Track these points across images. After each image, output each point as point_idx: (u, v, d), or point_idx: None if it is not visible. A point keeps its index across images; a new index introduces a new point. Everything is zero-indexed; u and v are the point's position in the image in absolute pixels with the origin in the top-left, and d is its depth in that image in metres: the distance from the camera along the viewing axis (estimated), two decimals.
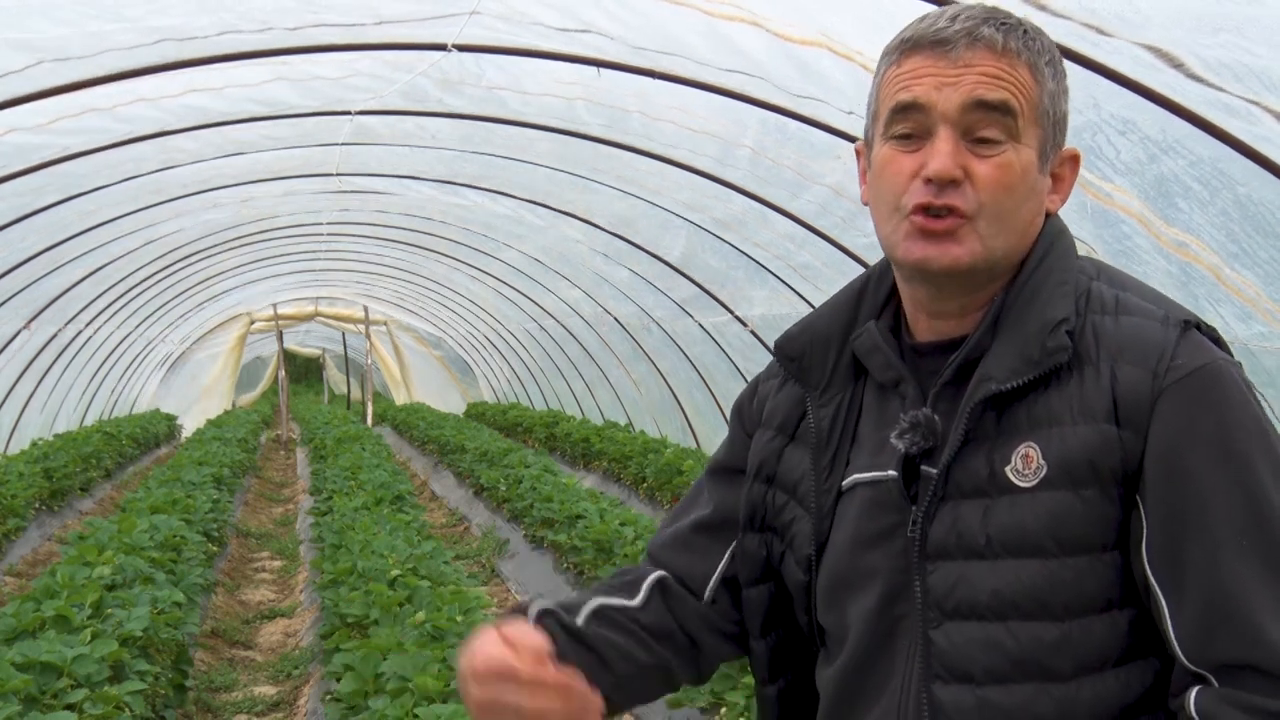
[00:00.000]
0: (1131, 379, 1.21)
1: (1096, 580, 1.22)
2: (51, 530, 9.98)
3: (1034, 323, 1.25)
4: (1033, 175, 1.27)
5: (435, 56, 5.99)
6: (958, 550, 1.25)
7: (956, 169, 1.24)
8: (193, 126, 7.22)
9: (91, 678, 4.18)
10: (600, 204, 9.66)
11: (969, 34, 1.24)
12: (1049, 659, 1.22)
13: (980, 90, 1.23)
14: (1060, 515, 1.21)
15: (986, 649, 1.24)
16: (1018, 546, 1.23)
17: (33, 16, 4.94)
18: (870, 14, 4.62)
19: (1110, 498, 1.21)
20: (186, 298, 16.82)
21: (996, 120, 1.24)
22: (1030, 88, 1.25)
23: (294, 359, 34.18)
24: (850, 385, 1.40)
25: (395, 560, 6.01)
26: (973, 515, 1.25)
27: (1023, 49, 1.25)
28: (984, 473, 1.25)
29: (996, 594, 1.23)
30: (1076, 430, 1.22)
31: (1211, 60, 3.70)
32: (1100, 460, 1.21)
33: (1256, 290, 4.59)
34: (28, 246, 9.53)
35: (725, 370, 10.83)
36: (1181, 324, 1.24)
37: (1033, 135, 1.26)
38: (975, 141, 1.25)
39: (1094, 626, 1.22)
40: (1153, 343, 1.22)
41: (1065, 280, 1.28)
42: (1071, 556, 1.22)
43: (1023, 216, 1.28)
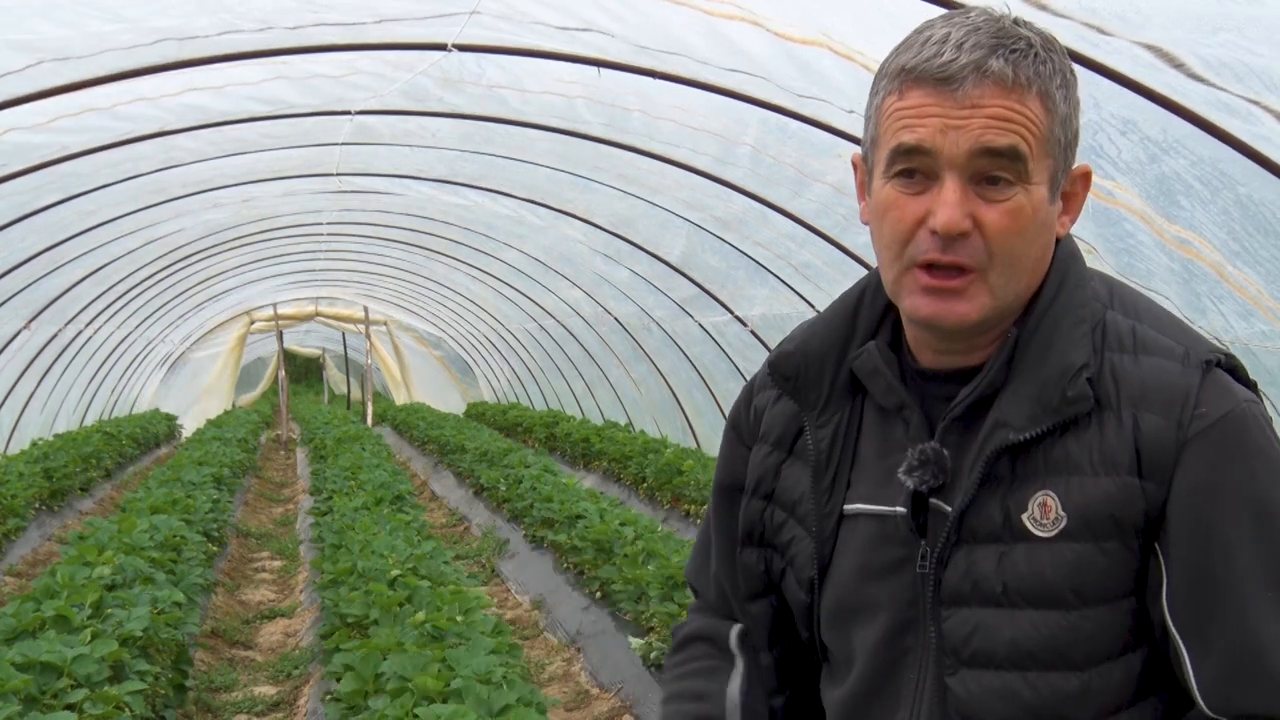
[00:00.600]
0: (1154, 428, 1.17)
1: (1116, 629, 1.20)
2: (51, 530, 9.97)
3: (1052, 367, 1.21)
4: (1044, 212, 1.21)
5: (436, 56, 5.99)
6: (973, 597, 1.23)
7: (964, 221, 1.18)
8: (193, 126, 7.21)
9: (91, 678, 4.18)
10: (600, 204, 9.66)
11: (977, 68, 1.16)
12: (1068, 709, 1.21)
13: (988, 136, 1.16)
14: (1081, 567, 1.19)
15: (1004, 699, 1.22)
16: (1036, 597, 1.20)
17: (33, 17, 4.93)
18: (870, 14, 4.62)
19: (1131, 548, 1.19)
20: (187, 298, 16.82)
21: (1006, 165, 1.18)
22: (1040, 121, 1.18)
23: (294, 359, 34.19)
24: (848, 403, 1.36)
25: (395, 560, 6.01)
26: (988, 562, 1.22)
27: (1034, 78, 1.17)
28: (999, 519, 1.22)
29: (1014, 644, 1.21)
30: (1098, 482, 1.19)
31: (1212, 60, 3.70)
32: (1122, 513, 1.18)
33: (1258, 288, 4.59)
34: (28, 246, 9.53)
35: (725, 370, 10.82)
36: (1203, 365, 1.20)
37: (1043, 169, 1.20)
38: (984, 183, 1.19)
39: (1112, 673, 1.21)
40: (1175, 389, 1.18)
41: (1082, 319, 1.23)
42: (1092, 608, 1.20)
43: (1033, 256, 1.23)
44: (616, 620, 6.36)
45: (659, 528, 7.53)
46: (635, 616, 6.09)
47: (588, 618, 6.69)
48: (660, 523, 8.45)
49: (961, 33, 1.18)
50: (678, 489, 9.55)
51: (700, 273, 9.92)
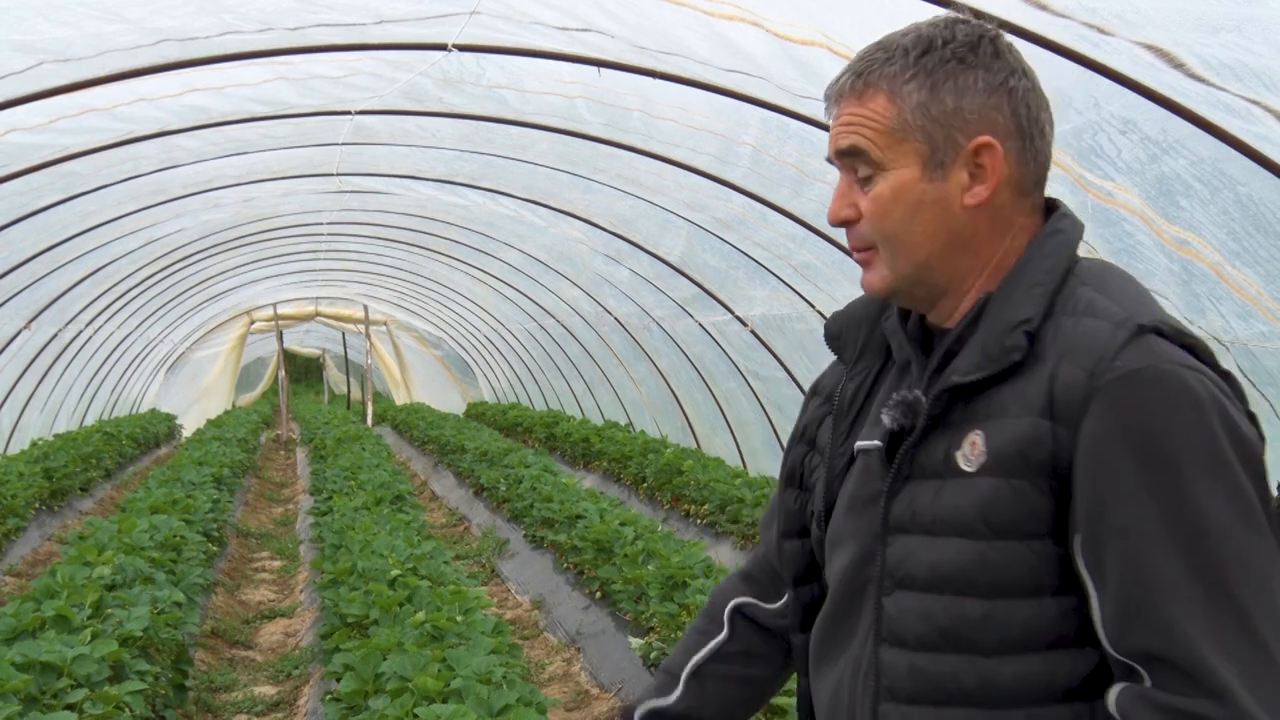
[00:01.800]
0: (1069, 377, 1.26)
1: (1024, 565, 1.28)
2: (51, 530, 9.97)
3: (1001, 321, 1.33)
4: (912, 191, 1.37)
5: (436, 56, 5.99)
6: (912, 526, 1.35)
7: (844, 211, 1.41)
8: (193, 126, 7.21)
9: (91, 678, 4.18)
10: (601, 203, 9.66)
11: (838, 87, 1.43)
12: (973, 633, 1.30)
13: (838, 141, 1.41)
14: (991, 500, 1.28)
15: (921, 619, 1.33)
16: (956, 526, 1.31)
17: (34, 18, 4.93)
18: (870, 14, 4.61)
19: (1040, 490, 1.27)
20: (187, 298, 16.82)
21: (858, 161, 1.39)
22: (883, 115, 1.37)
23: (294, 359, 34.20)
24: (880, 361, 1.52)
25: (395, 560, 6.01)
26: (926, 495, 1.34)
27: (877, 79, 1.38)
28: (940, 457, 1.34)
29: (934, 568, 1.32)
30: (1016, 423, 1.28)
31: (1212, 60, 3.70)
32: (1029, 452, 1.27)
33: (1258, 289, 4.59)
34: (28, 246, 9.53)
35: (725, 370, 10.82)
36: (1136, 327, 1.25)
37: (902, 154, 1.36)
38: (861, 180, 1.40)
39: (1020, 609, 1.28)
40: (1099, 343, 1.26)
41: (1039, 282, 1.34)
42: (1000, 540, 1.28)
43: (918, 231, 1.37)
44: (616, 620, 6.36)
45: (659, 528, 7.53)
46: (635, 616, 6.09)
47: (588, 618, 6.69)
48: (660, 523, 8.45)
49: (850, 62, 1.44)
50: (678, 489, 9.55)
51: (700, 272, 9.93)
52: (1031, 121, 1.37)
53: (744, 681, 1.70)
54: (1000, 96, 1.36)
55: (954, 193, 1.36)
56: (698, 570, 6.01)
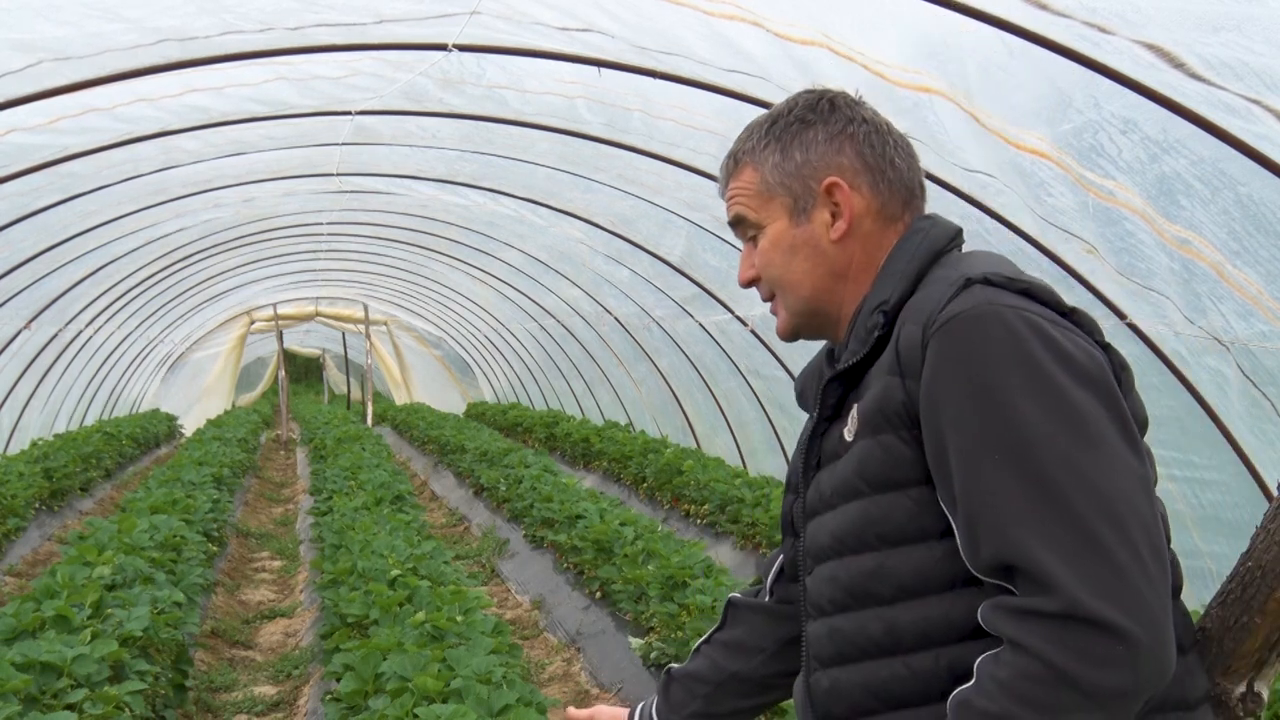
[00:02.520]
0: (909, 334, 1.38)
1: (904, 513, 1.38)
2: (51, 530, 9.97)
3: (864, 310, 1.49)
4: (785, 238, 1.56)
5: (436, 56, 5.99)
6: (820, 506, 1.51)
7: (746, 273, 1.62)
8: (193, 126, 7.21)
9: (91, 678, 4.18)
10: (601, 203, 9.66)
11: (723, 172, 1.63)
12: (871, 585, 1.40)
13: (728, 214, 1.61)
14: (864, 459, 1.42)
15: (829, 583, 1.46)
16: (845, 492, 1.45)
17: (34, 17, 4.93)
18: (870, 14, 4.61)
19: (904, 440, 1.38)
20: (187, 298, 16.81)
21: (745, 227, 1.60)
22: (751, 182, 1.58)
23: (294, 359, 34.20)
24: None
25: (395, 560, 6.01)
26: (828, 476, 1.50)
27: (743, 155, 1.59)
28: (836, 438, 1.50)
29: (833, 534, 1.46)
30: (875, 387, 1.42)
31: (1212, 59, 3.70)
32: (885, 407, 1.39)
33: (1258, 288, 4.59)
34: (28, 246, 9.53)
35: (726, 370, 10.82)
36: (964, 280, 1.37)
37: (772, 210, 1.56)
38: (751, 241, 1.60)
39: (909, 555, 1.38)
40: (932, 300, 1.38)
41: (897, 270, 1.49)
42: (880, 494, 1.40)
43: (797, 270, 1.56)
44: (616, 620, 6.36)
45: (659, 528, 7.53)
46: (635, 616, 6.09)
47: (588, 618, 6.69)
48: (660, 523, 8.45)
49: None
50: (678, 489, 9.55)
51: (701, 272, 9.92)
52: (878, 157, 1.54)
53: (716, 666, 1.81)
54: (841, 142, 1.54)
55: (820, 232, 1.55)
56: (698, 570, 6.01)
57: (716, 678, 1.80)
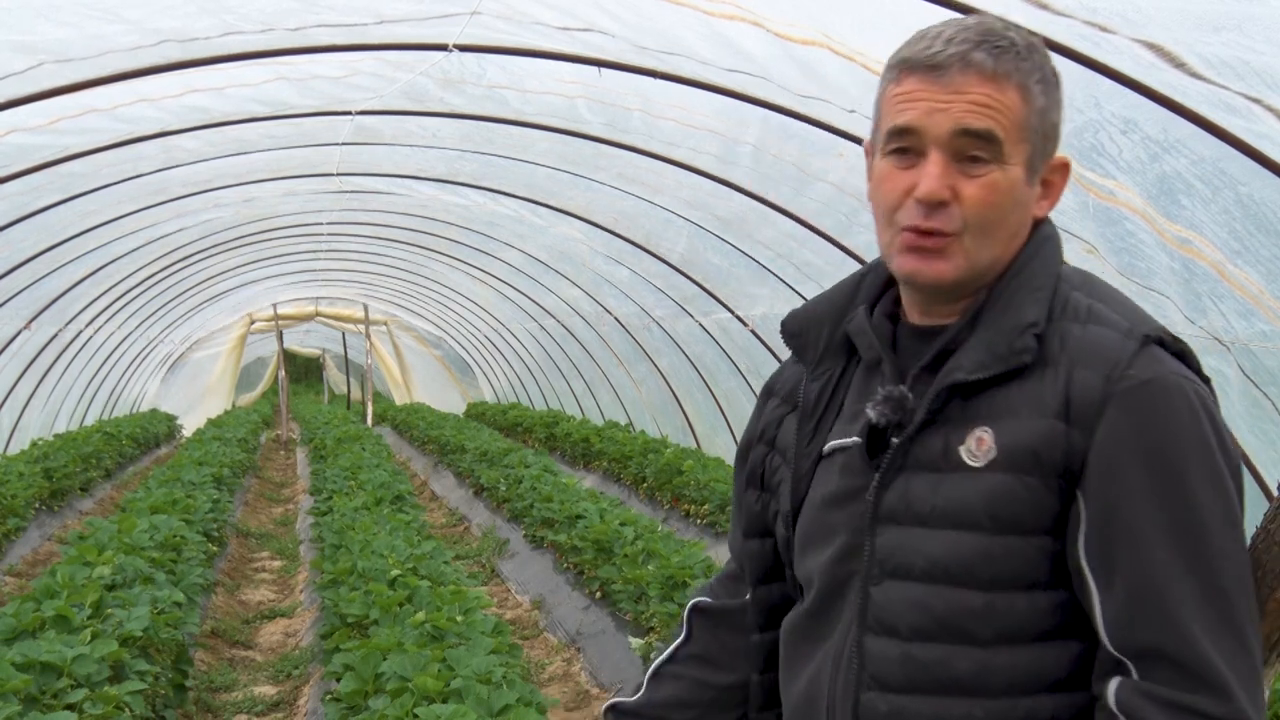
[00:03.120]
0: (1085, 381, 1.30)
1: (1024, 560, 1.31)
2: (51, 530, 9.97)
3: (1007, 323, 1.36)
4: (1019, 190, 1.37)
5: (436, 56, 5.99)
6: (905, 516, 1.37)
7: (944, 191, 1.34)
8: (194, 126, 7.21)
9: (91, 678, 4.18)
10: (601, 203, 9.66)
11: (962, 59, 1.33)
12: (970, 624, 1.33)
13: (968, 119, 1.33)
14: (1000, 496, 1.31)
15: (916, 609, 1.35)
16: (958, 519, 1.33)
17: (35, 18, 4.93)
18: (870, 14, 4.62)
19: (1050, 488, 1.30)
20: (187, 298, 16.82)
21: (983, 145, 1.34)
22: (1017, 109, 1.35)
23: (294, 359, 34.19)
24: (842, 362, 1.53)
25: (395, 560, 6.01)
26: (923, 487, 1.36)
27: (1013, 71, 1.34)
28: (939, 450, 1.36)
29: (932, 559, 1.34)
30: (1029, 423, 1.32)
31: (1213, 58, 3.70)
32: (1044, 451, 1.30)
33: (1259, 288, 4.58)
34: (28, 246, 9.53)
35: (726, 370, 10.82)
36: (1142, 337, 1.31)
37: (1020, 152, 1.36)
38: (965, 160, 1.35)
39: (1016, 601, 1.32)
40: (1111, 350, 1.31)
41: (1042, 286, 1.38)
42: (1004, 535, 1.31)
43: (1007, 228, 1.38)
44: (616, 620, 6.36)
45: (659, 528, 7.53)
46: (635, 616, 6.09)
47: (588, 618, 6.69)
48: (660, 523, 8.44)
49: (953, 31, 1.36)
50: (678, 489, 9.55)
51: (701, 272, 9.92)
52: None
53: (701, 685, 1.68)
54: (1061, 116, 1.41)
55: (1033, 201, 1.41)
56: (698, 570, 6.01)
57: (702, 697, 1.68)
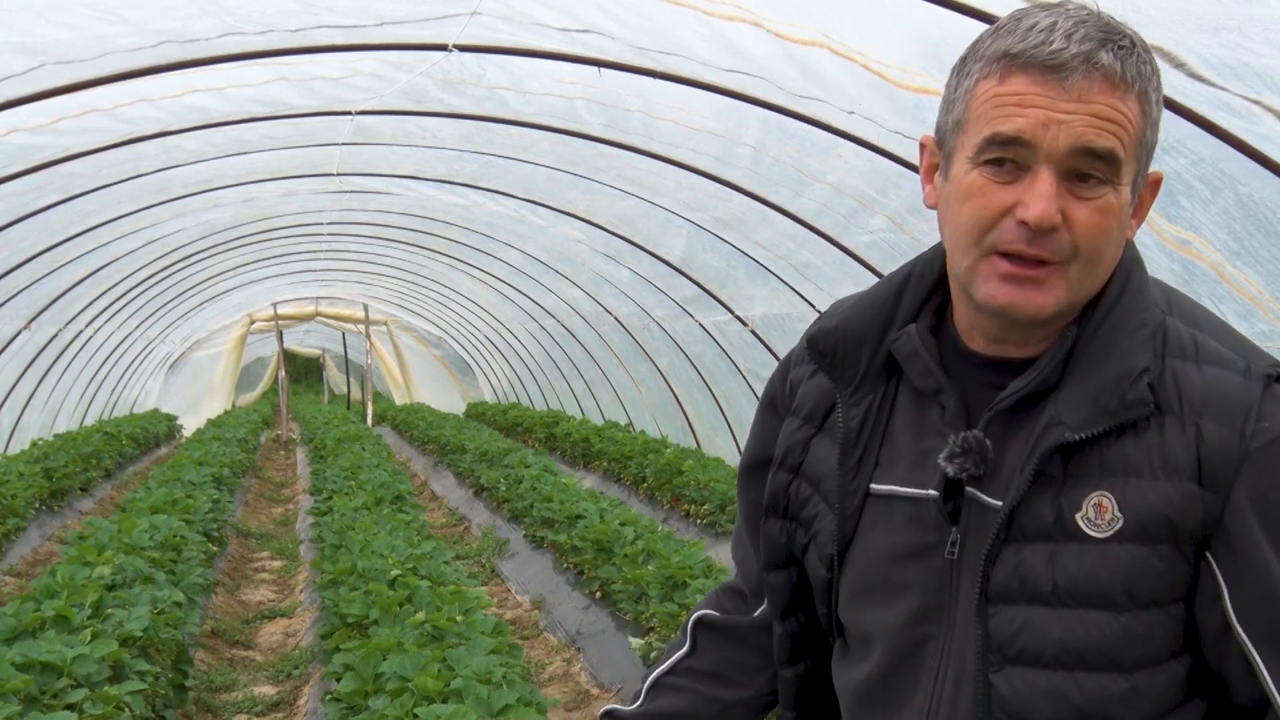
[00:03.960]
0: (1217, 438, 1.18)
1: (1164, 633, 1.21)
2: (51, 530, 9.97)
3: (1113, 369, 1.21)
4: (1124, 214, 1.21)
5: (436, 56, 5.99)
6: (1021, 595, 1.23)
7: (1057, 215, 1.17)
8: (194, 127, 7.22)
9: (91, 678, 4.18)
10: (601, 203, 9.66)
11: (1087, 59, 1.15)
12: (1114, 711, 1.21)
13: (1090, 136, 1.15)
14: (1136, 570, 1.19)
15: (1051, 699, 1.22)
16: (1088, 597, 1.20)
17: (35, 19, 4.94)
18: (870, 14, 4.62)
19: (1184, 555, 1.20)
20: (187, 298, 16.82)
21: (1100, 166, 1.17)
22: (1136, 123, 1.18)
23: (294, 359, 34.19)
24: (883, 384, 1.36)
25: (395, 560, 6.01)
26: (1038, 560, 1.22)
27: (1136, 78, 1.17)
28: (1050, 518, 1.22)
29: (1062, 644, 1.21)
30: (1157, 486, 1.19)
31: (1213, 59, 3.70)
32: (1180, 519, 1.18)
33: (1259, 288, 4.59)
34: (28, 246, 9.53)
35: (726, 370, 10.82)
36: (1264, 379, 1.20)
37: (1131, 171, 1.20)
38: (1075, 179, 1.18)
39: (1158, 677, 1.22)
40: (1238, 400, 1.19)
41: (1144, 322, 1.23)
42: (1144, 611, 1.20)
43: (1111, 255, 1.23)
44: (616, 620, 6.36)
45: (659, 528, 7.53)
46: (635, 616, 6.09)
47: (588, 618, 6.69)
48: (660, 523, 8.45)
49: (1069, 23, 1.17)
50: (678, 489, 9.55)
51: (701, 272, 9.93)
52: None
53: (707, 700, 1.56)
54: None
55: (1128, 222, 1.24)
56: (698, 570, 6.01)
57: (705, 712, 1.56)
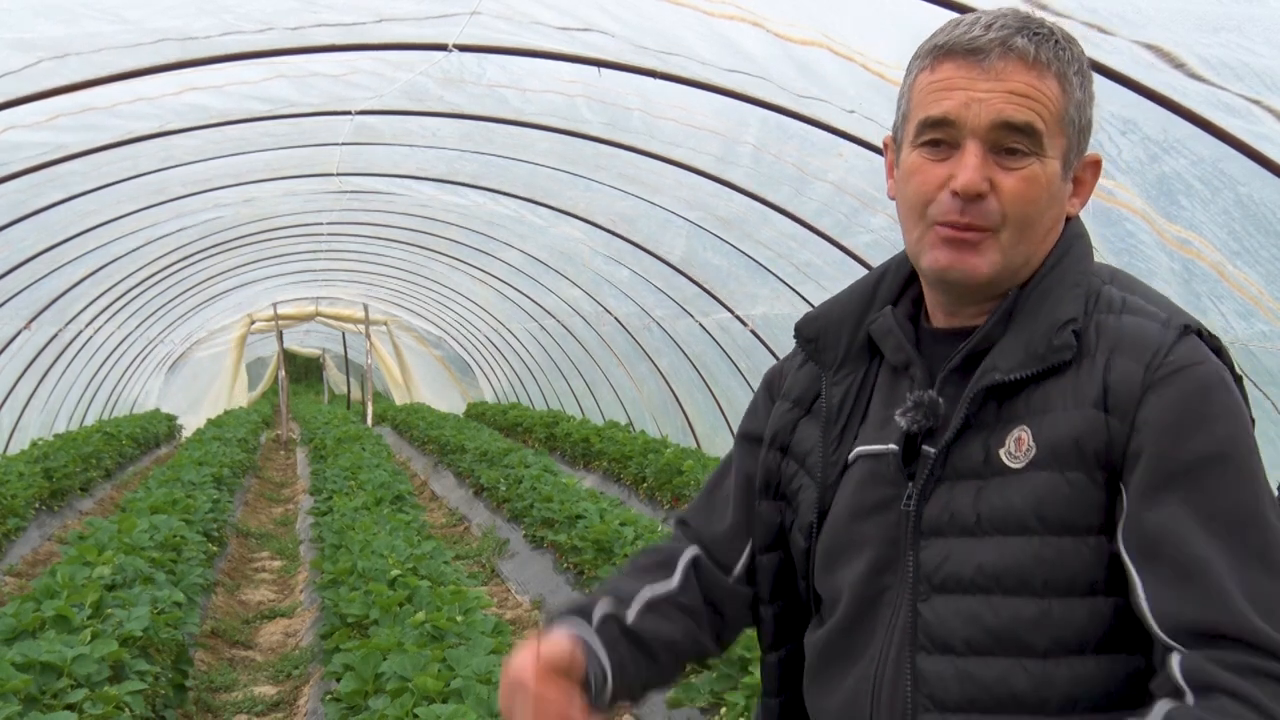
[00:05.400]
0: (1124, 369, 1.27)
1: (1079, 561, 1.26)
2: (51, 530, 9.97)
3: (1044, 321, 1.31)
4: (1055, 184, 1.33)
5: (436, 56, 5.99)
6: (949, 528, 1.31)
7: (983, 183, 1.29)
8: (193, 126, 7.21)
9: (91, 678, 4.18)
10: (601, 203, 9.66)
11: (1003, 44, 1.29)
12: (1026, 634, 1.27)
13: (1008, 110, 1.28)
14: (1045, 495, 1.27)
15: (968, 622, 1.29)
16: (1004, 524, 1.28)
17: (34, 17, 4.94)
18: (870, 14, 4.62)
19: (1095, 482, 1.26)
20: (187, 298, 16.82)
21: (1022, 138, 1.29)
22: (1056, 100, 1.30)
23: (294, 359, 34.20)
24: (864, 366, 1.47)
25: (395, 560, 6.01)
26: (965, 495, 1.31)
27: (1053, 59, 1.31)
28: (979, 456, 1.31)
29: (980, 569, 1.29)
30: (1068, 416, 1.28)
31: (1212, 59, 3.70)
32: (1085, 442, 1.26)
33: (1259, 288, 4.59)
34: (28, 246, 9.53)
35: (726, 370, 10.82)
36: (1181, 327, 1.29)
37: (1057, 146, 1.31)
38: (1002, 153, 1.30)
39: (1075, 608, 1.26)
40: (1150, 339, 1.28)
41: (1078, 283, 1.34)
42: (1055, 536, 1.26)
43: (1044, 224, 1.34)
44: None
45: (659, 528, 7.53)
46: None
47: None
48: (660, 523, 8.44)
49: (990, 18, 1.32)
50: (678, 489, 9.55)
51: (701, 272, 9.93)
52: None
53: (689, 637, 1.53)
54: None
55: (1066, 198, 1.37)
56: None
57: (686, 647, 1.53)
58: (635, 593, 1.52)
